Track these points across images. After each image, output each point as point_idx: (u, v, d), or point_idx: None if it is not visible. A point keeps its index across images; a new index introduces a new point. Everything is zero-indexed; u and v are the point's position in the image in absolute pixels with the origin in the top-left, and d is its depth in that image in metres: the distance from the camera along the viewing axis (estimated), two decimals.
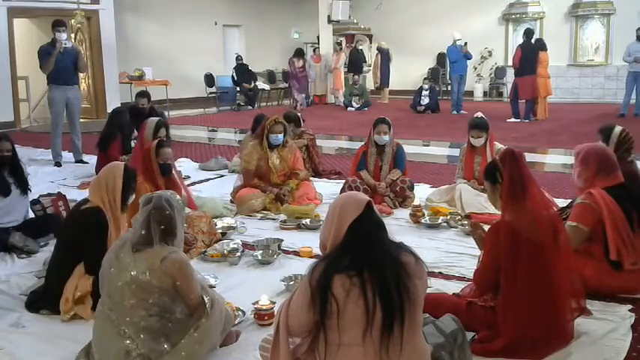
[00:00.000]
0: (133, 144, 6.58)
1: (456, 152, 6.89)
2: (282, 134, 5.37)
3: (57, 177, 6.95)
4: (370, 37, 17.93)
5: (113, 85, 13.12)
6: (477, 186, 5.03)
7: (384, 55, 15.85)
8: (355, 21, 17.82)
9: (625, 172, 3.53)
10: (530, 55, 11.53)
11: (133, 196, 3.44)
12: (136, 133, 6.63)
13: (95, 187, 3.38)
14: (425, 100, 13.61)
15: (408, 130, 10.34)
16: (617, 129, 4.00)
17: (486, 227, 3.06)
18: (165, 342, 2.52)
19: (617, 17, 14.92)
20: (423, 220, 4.78)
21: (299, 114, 7.06)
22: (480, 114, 5.45)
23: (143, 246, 2.58)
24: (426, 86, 13.71)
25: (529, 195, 2.76)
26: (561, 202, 4.63)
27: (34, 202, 4.74)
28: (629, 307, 3.18)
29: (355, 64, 15.57)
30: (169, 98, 13.73)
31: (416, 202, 4.99)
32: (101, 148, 6.50)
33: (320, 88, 16.37)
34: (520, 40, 12.46)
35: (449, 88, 14.55)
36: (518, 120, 11.59)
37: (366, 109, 14.30)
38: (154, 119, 5.69)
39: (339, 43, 16.39)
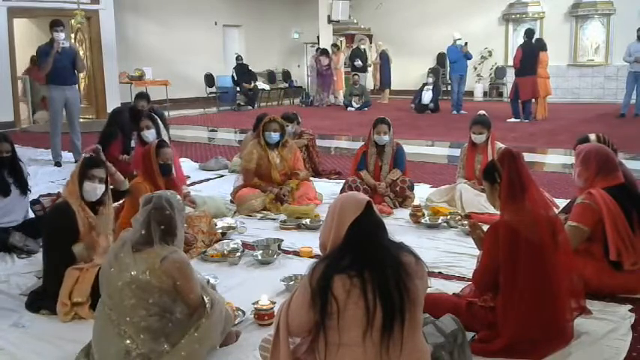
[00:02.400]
0: (132, 144, 6.58)
1: (456, 152, 6.90)
2: (277, 133, 5.37)
3: (57, 177, 6.94)
4: (370, 37, 17.94)
5: (113, 85, 13.10)
6: (477, 186, 5.03)
7: (385, 58, 15.88)
8: (355, 21, 17.84)
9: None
10: (530, 55, 11.52)
11: (94, 185, 3.45)
12: (135, 133, 6.62)
13: (67, 182, 3.54)
14: (427, 96, 13.55)
15: (409, 130, 10.34)
16: (593, 136, 3.92)
17: (486, 227, 3.06)
18: (165, 342, 2.52)
19: (617, 17, 14.92)
20: (423, 220, 4.78)
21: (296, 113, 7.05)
22: (482, 112, 5.52)
23: (143, 246, 2.58)
24: (430, 80, 13.65)
25: (528, 195, 2.76)
26: (561, 202, 4.63)
27: (34, 202, 4.74)
28: (629, 307, 3.18)
29: (353, 62, 15.61)
30: (169, 98, 13.73)
31: (416, 202, 4.99)
32: (101, 148, 6.47)
33: None
34: (520, 40, 12.46)
35: (449, 88, 14.55)
36: (518, 120, 11.59)
37: (366, 109, 14.30)
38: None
39: (336, 44, 16.40)
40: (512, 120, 11.57)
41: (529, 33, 11.94)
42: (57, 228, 3.37)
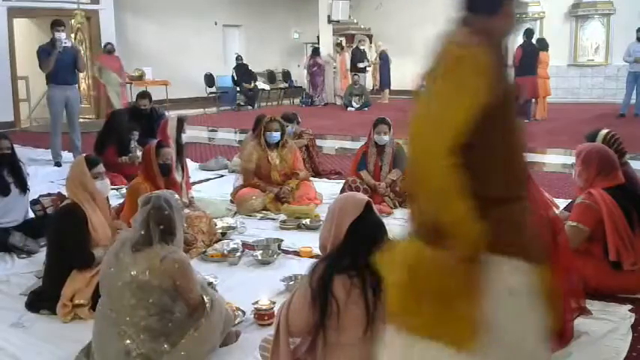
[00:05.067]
0: (132, 144, 6.57)
1: None
2: (278, 132, 5.37)
3: (57, 177, 6.92)
4: (370, 37, 17.93)
5: None
6: None
7: (385, 58, 15.88)
8: (355, 21, 17.81)
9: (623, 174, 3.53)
10: (530, 55, 11.52)
11: (104, 182, 3.48)
12: (136, 133, 6.62)
13: (67, 184, 3.50)
14: None
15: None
16: (603, 132, 3.85)
17: None
18: (165, 342, 2.52)
19: (617, 17, 14.91)
20: None
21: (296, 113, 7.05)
22: None
23: (143, 246, 2.58)
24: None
25: (528, 195, 2.75)
26: (561, 202, 4.63)
27: (34, 202, 4.74)
28: (629, 307, 3.18)
29: (357, 63, 15.60)
30: (169, 98, 13.72)
31: None
32: (98, 150, 6.45)
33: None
34: (520, 40, 12.45)
35: None
36: None
37: (366, 109, 14.29)
38: (174, 117, 5.73)
39: (339, 44, 16.38)
40: None
41: (529, 33, 11.93)
42: (66, 231, 3.32)
